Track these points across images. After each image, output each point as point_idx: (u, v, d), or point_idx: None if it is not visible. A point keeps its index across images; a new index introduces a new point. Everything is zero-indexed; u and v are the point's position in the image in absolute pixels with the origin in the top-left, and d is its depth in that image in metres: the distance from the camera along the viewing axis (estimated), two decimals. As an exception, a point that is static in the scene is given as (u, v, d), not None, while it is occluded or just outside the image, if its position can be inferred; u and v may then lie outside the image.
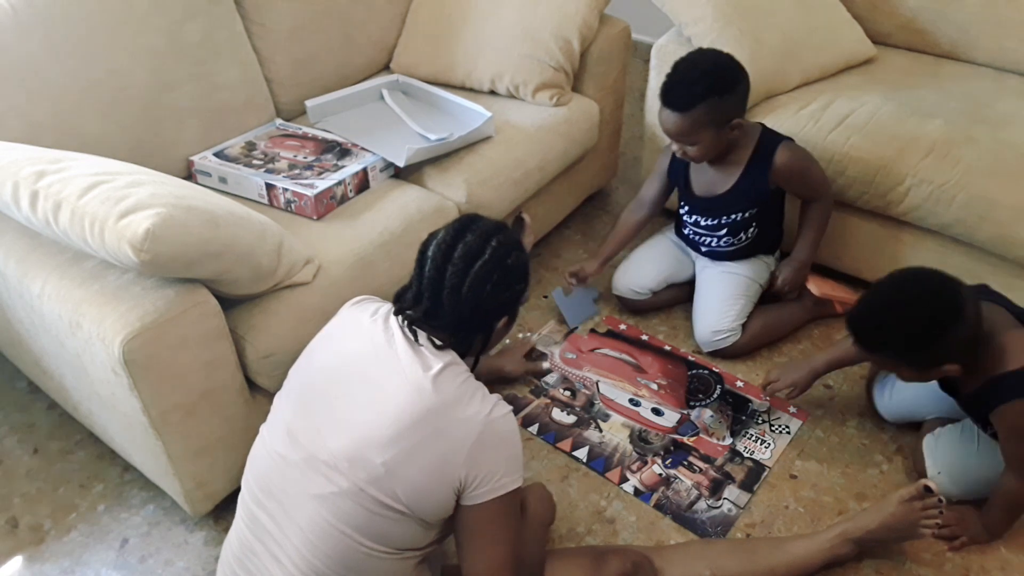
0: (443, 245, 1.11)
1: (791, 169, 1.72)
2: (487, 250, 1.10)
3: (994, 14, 2.01)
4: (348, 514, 1.05)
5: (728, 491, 1.58)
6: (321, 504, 1.05)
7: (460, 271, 1.09)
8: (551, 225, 2.23)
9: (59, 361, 1.46)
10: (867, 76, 2.04)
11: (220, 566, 1.21)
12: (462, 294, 1.09)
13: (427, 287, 1.11)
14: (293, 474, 1.08)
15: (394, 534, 1.07)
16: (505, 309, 1.17)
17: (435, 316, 1.11)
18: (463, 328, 1.12)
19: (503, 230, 1.15)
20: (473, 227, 1.13)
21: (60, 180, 1.22)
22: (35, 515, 1.60)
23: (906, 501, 1.36)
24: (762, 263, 1.87)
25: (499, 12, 2.00)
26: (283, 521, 1.09)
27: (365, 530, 1.05)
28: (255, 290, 1.40)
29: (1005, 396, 1.28)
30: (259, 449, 1.17)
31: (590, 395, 1.81)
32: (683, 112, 1.61)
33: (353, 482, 1.04)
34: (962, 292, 1.25)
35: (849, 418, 1.73)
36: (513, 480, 1.09)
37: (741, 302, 1.83)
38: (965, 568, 1.43)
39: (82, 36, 1.55)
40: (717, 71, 1.61)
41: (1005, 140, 1.75)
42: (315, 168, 1.72)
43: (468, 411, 1.06)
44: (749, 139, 1.73)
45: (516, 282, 1.16)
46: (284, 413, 1.14)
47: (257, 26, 1.85)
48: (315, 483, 1.06)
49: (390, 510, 1.05)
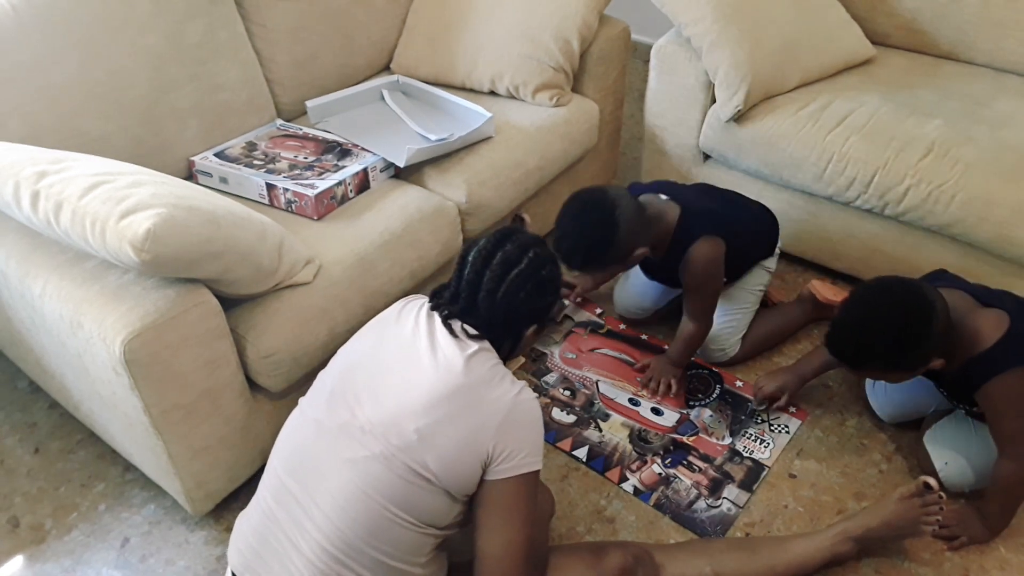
0: (483, 251, 1.18)
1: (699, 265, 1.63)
2: (524, 260, 1.17)
3: (993, 15, 2.02)
4: (378, 479, 1.08)
5: (727, 490, 1.59)
6: (353, 468, 1.09)
7: (497, 276, 1.16)
8: (551, 225, 2.21)
9: (60, 361, 1.46)
10: (866, 76, 2.05)
11: (233, 539, 1.20)
12: (497, 298, 1.16)
13: (465, 288, 1.17)
14: (327, 439, 1.12)
15: (421, 504, 1.10)
16: (535, 317, 1.23)
17: (470, 315, 1.17)
18: (495, 331, 1.18)
19: (541, 244, 1.21)
20: (513, 238, 1.20)
21: (61, 180, 1.22)
22: (36, 514, 1.60)
23: (906, 498, 1.37)
24: (761, 270, 1.83)
25: (499, 13, 2.01)
26: (314, 487, 1.11)
27: (394, 496, 1.09)
28: (256, 290, 1.40)
29: (985, 375, 1.32)
30: (296, 419, 1.20)
31: (590, 395, 1.81)
32: (581, 270, 1.66)
33: (385, 447, 1.08)
34: (927, 294, 1.29)
35: (848, 417, 1.73)
36: (536, 461, 1.14)
37: (739, 316, 1.82)
38: (964, 568, 1.43)
39: (83, 37, 1.55)
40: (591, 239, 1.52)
41: (1004, 140, 1.76)
42: (316, 168, 1.72)
43: (498, 391, 1.12)
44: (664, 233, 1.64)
45: (548, 293, 1.22)
46: (326, 383, 1.19)
47: (258, 27, 1.85)
48: (349, 447, 1.10)
49: (420, 478, 1.08)
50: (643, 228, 1.59)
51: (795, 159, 1.89)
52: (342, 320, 1.53)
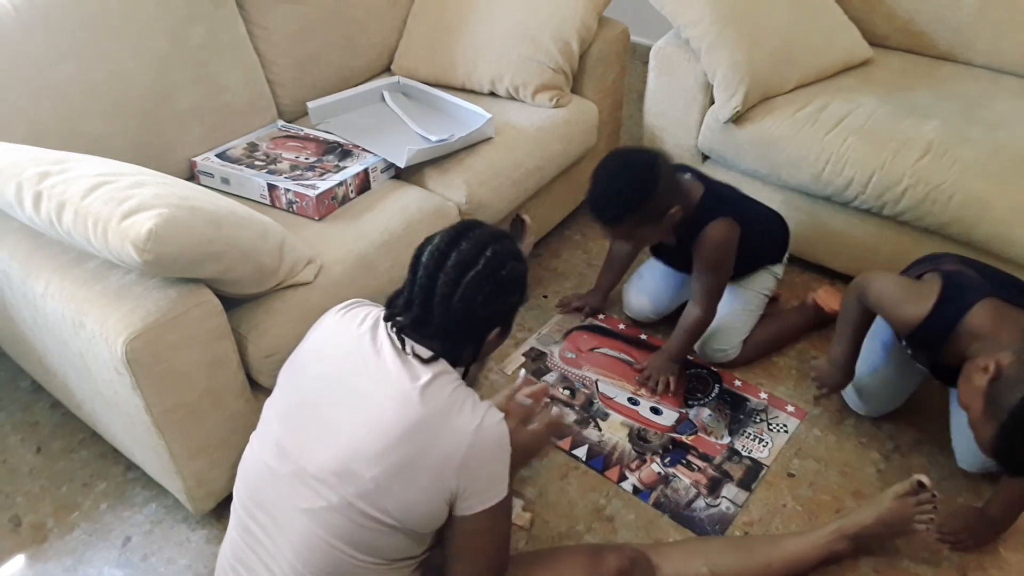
0: (436, 252, 1.09)
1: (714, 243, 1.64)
2: (481, 260, 1.08)
3: (990, 16, 2.03)
4: (339, 528, 1.04)
5: (726, 489, 1.59)
6: (311, 518, 1.05)
7: (452, 280, 1.07)
8: (551, 226, 2.24)
9: (62, 360, 1.47)
10: (864, 78, 2.05)
11: (217, 571, 1.21)
12: (452, 303, 1.07)
13: (418, 294, 1.09)
14: (283, 487, 1.07)
15: (387, 546, 1.07)
16: (497, 321, 1.14)
17: (425, 324, 1.09)
18: (453, 337, 1.10)
19: (500, 239, 1.12)
20: (469, 235, 1.11)
21: (63, 181, 1.23)
22: (38, 513, 1.61)
23: (900, 497, 1.38)
24: (768, 274, 1.85)
25: (499, 14, 2.02)
26: (274, 533, 1.09)
27: (357, 543, 1.05)
28: (257, 290, 1.41)
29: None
30: (249, 458, 1.16)
31: (589, 394, 1.82)
32: (612, 226, 1.59)
33: (342, 497, 1.03)
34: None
35: (846, 417, 1.74)
36: (502, 489, 1.09)
37: (743, 318, 1.82)
38: (963, 567, 1.44)
39: (85, 38, 1.56)
40: (633, 185, 1.52)
41: (1001, 141, 1.76)
42: (317, 169, 1.73)
43: (457, 422, 1.04)
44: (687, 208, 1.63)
45: (510, 293, 1.13)
46: (273, 425, 1.13)
47: (259, 28, 1.86)
48: (304, 497, 1.05)
49: (381, 524, 1.04)
50: (678, 189, 1.60)
51: (793, 160, 1.90)
52: (343, 320, 1.53)
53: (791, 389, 1.81)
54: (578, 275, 2.17)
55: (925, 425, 1.70)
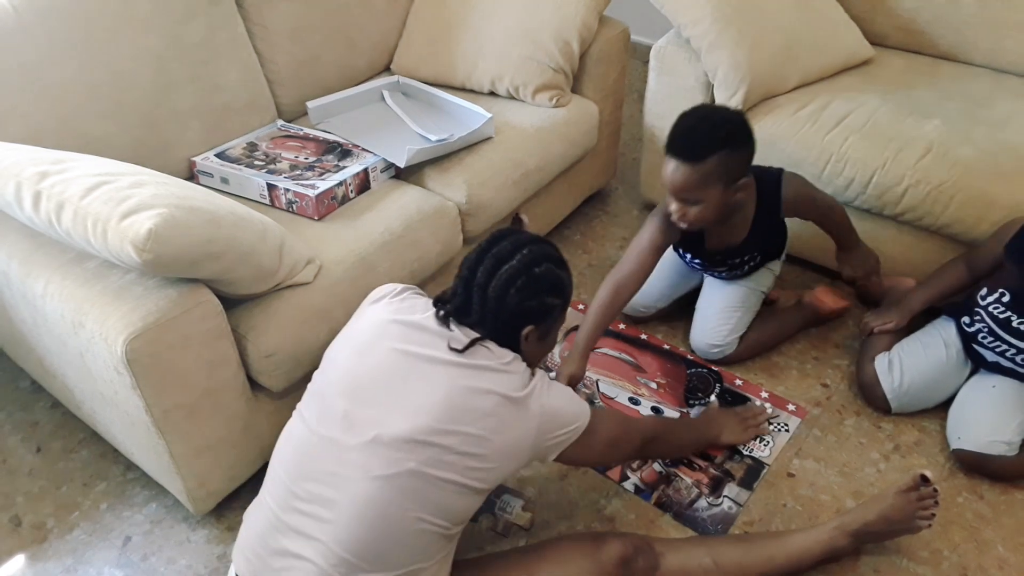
0: (479, 248, 1.20)
1: (800, 197, 1.65)
2: (516, 256, 1.17)
3: (992, 15, 2.02)
4: (415, 491, 1.09)
5: (728, 489, 1.59)
6: (386, 483, 1.08)
7: (489, 270, 1.16)
8: (551, 226, 2.24)
9: (62, 360, 1.47)
10: (865, 77, 2.05)
11: (238, 546, 1.20)
12: (487, 293, 1.16)
13: (460, 284, 1.19)
14: (352, 457, 1.10)
15: (455, 506, 1.12)
16: (532, 318, 1.19)
17: (465, 312, 1.18)
18: (490, 327, 1.17)
19: (539, 243, 1.21)
20: (511, 236, 1.21)
21: (63, 181, 1.23)
22: (38, 513, 1.61)
23: (903, 492, 1.38)
24: (768, 271, 1.85)
25: (499, 14, 2.02)
26: (333, 501, 1.10)
27: (428, 504, 1.10)
28: (257, 290, 1.41)
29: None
30: (301, 433, 1.17)
31: (590, 394, 1.81)
32: (694, 163, 1.47)
33: (418, 461, 1.09)
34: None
35: (847, 417, 1.74)
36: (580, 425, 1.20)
37: (738, 314, 1.82)
38: (963, 567, 1.44)
39: (84, 38, 1.56)
40: (730, 125, 1.50)
41: (1003, 140, 1.76)
42: (316, 169, 1.73)
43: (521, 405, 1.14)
44: (751, 193, 1.62)
45: (545, 292, 1.19)
46: (336, 401, 1.15)
47: (258, 27, 1.86)
48: (378, 465, 1.09)
49: (456, 485, 1.10)
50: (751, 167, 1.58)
51: (794, 159, 1.89)
52: (343, 320, 1.51)
53: (792, 388, 1.81)
54: (578, 275, 2.17)
55: (925, 425, 1.70)
